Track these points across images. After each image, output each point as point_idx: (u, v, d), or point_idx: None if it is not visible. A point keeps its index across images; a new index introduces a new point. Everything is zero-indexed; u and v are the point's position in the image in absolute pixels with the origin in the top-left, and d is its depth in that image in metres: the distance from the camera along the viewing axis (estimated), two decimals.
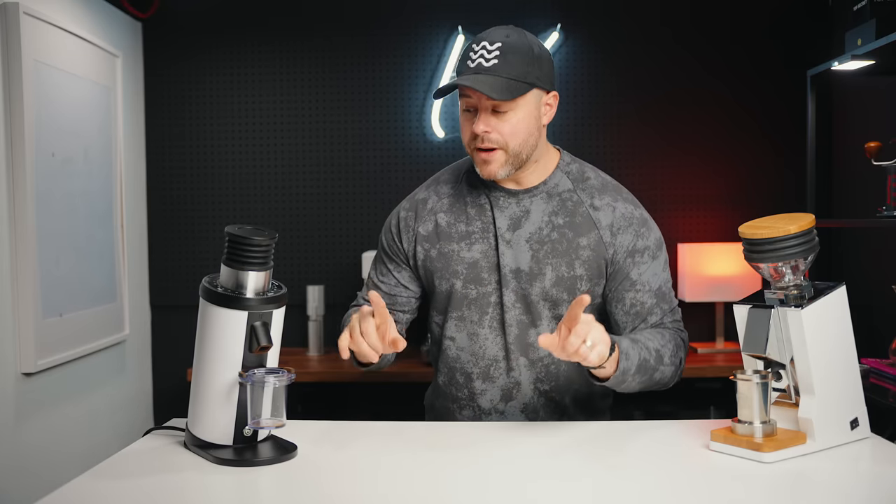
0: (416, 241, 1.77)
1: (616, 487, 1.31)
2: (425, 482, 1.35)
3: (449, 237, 1.74)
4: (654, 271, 1.72)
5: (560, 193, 1.72)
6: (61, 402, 2.79)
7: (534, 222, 1.70)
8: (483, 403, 1.76)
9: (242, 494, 1.33)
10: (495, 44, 1.59)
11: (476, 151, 1.64)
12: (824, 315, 1.45)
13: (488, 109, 1.60)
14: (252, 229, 1.44)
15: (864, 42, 2.52)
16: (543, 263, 1.68)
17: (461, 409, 1.79)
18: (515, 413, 1.75)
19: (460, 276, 1.72)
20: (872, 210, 2.68)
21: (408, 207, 1.81)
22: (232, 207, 3.59)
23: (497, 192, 1.72)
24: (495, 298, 1.72)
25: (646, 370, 1.61)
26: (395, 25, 3.54)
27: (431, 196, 1.79)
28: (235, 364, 1.43)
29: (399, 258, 1.80)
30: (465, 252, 1.72)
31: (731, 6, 3.53)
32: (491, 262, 1.71)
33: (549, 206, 1.71)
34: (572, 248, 1.69)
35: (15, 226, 2.50)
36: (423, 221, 1.77)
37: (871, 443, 1.50)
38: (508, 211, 1.71)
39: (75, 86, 2.86)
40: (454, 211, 1.75)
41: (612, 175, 1.86)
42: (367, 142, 3.56)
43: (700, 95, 3.55)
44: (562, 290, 1.69)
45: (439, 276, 1.74)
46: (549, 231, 1.69)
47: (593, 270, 1.70)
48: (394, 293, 1.81)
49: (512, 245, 1.70)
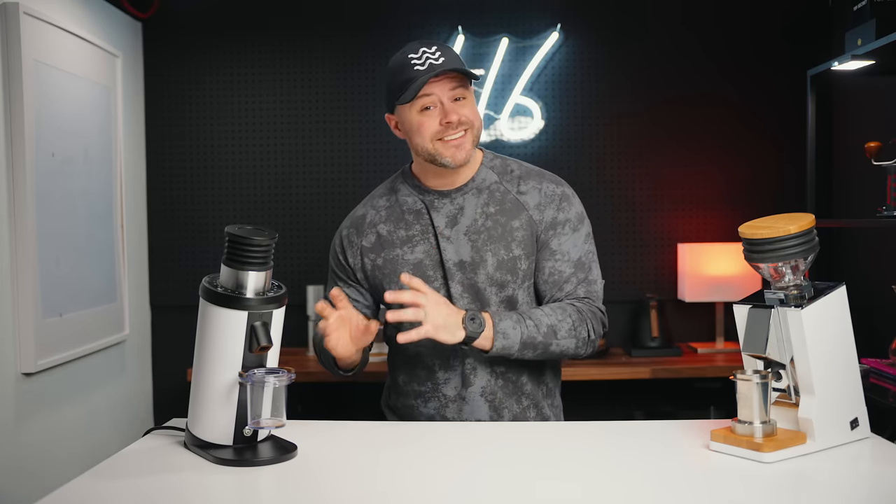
0: (361, 254, 1.88)
1: (616, 487, 1.31)
2: (425, 482, 1.35)
3: (391, 244, 1.84)
4: (574, 242, 1.83)
5: (488, 186, 1.84)
6: (61, 402, 2.79)
7: (469, 216, 1.82)
8: (447, 392, 1.83)
9: (242, 494, 1.33)
10: (433, 47, 1.74)
11: (444, 142, 1.75)
12: (824, 315, 1.45)
13: (450, 99, 1.74)
14: (252, 229, 1.44)
15: (864, 42, 2.51)
16: (483, 251, 1.79)
17: (426, 402, 1.85)
18: (475, 397, 1.82)
19: None
20: (872, 210, 2.68)
21: (349, 225, 1.92)
22: (232, 207, 3.59)
23: (431, 196, 1.84)
24: (443, 292, 1.81)
25: (535, 346, 1.72)
26: (394, 25, 3.54)
27: (369, 211, 1.91)
28: (235, 364, 1.43)
29: (347, 275, 1.91)
30: (409, 255, 1.83)
31: (731, 7, 3.53)
32: (434, 260, 1.81)
33: (481, 200, 1.83)
34: (507, 232, 1.80)
35: (15, 226, 2.50)
36: (365, 235, 1.88)
37: (871, 443, 1.50)
38: (444, 210, 1.83)
39: (75, 86, 2.86)
40: (392, 220, 1.86)
41: (612, 175, 1.88)
42: (367, 142, 3.56)
43: (699, 96, 3.55)
44: (505, 272, 1.79)
45: (388, 281, 1.84)
46: (483, 221, 1.81)
47: (528, 247, 1.81)
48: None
49: (452, 240, 1.81)
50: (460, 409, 1.82)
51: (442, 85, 1.72)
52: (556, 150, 3.53)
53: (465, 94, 1.75)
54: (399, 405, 1.91)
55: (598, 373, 3.18)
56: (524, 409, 1.85)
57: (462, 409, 1.82)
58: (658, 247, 3.57)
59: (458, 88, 1.74)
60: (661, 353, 3.33)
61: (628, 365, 3.21)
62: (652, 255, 3.56)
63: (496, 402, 1.82)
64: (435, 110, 1.74)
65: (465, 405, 1.82)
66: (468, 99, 1.76)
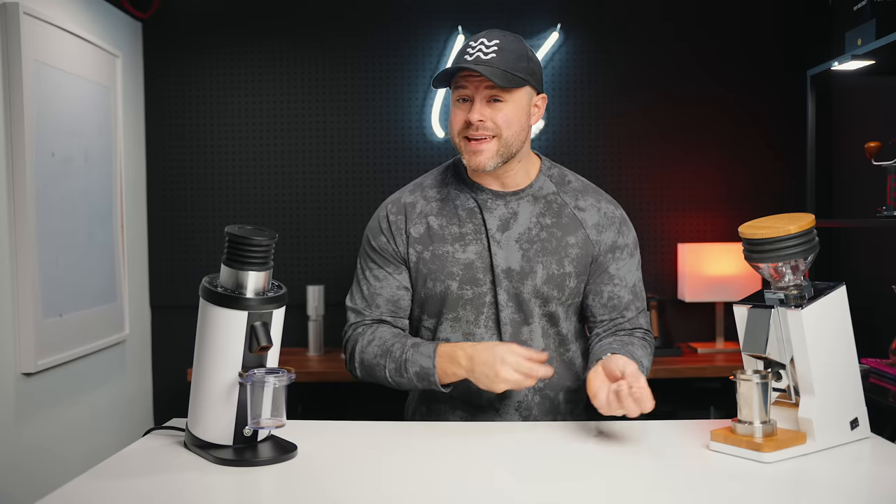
0: (408, 243, 1.77)
1: (616, 487, 1.31)
2: (425, 482, 1.35)
3: (442, 239, 1.75)
4: (629, 268, 1.80)
5: (545, 196, 1.78)
6: (61, 402, 2.79)
7: (522, 223, 1.75)
8: (479, 401, 1.76)
9: (242, 494, 1.33)
10: (493, 41, 1.66)
11: (465, 141, 1.69)
12: (824, 315, 1.45)
13: (484, 99, 1.66)
14: (252, 229, 1.44)
15: (864, 42, 2.52)
16: (534, 262, 1.73)
17: (454, 408, 1.79)
18: (510, 411, 1.76)
19: (456, 277, 1.74)
20: (872, 210, 2.68)
21: (395, 211, 1.80)
22: (232, 207, 3.59)
23: (485, 195, 1.76)
24: (490, 298, 1.74)
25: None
26: (395, 25, 3.54)
27: (419, 200, 1.80)
28: (235, 364, 1.43)
29: (396, 260, 1.79)
30: (460, 253, 1.74)
31: (731, 6, 3.53)
32: (485, 263, 1.74)
33: (536, 208, 1.76)
34: (561, 247, 1.74)
35: (15, 226, 2.50)
36: (414, 224, 1.77)
37: (871, 443, 1.50)
38: (497, 212, 1.76)
39: (75, 86, 2.86)
40: (444, 214, 1.77)
41: (612, 175, 1.89)
42: (367, 142, 3.56)
43: (700, 96, 3.55)
44: (552, 287, 1.74)
45: (433, 277, 1.75)
46: (537, 231, 1.75)
47: (581, 267, 1.76)
48: (396, 297, 1.78)
49: (502, 245, 1.74)
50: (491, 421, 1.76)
51: (479, 82, 1.65)
52: (556, 150, 3.53)
53: (502, 96, 1.66)
54: (426, 409, 1.83)
55: None
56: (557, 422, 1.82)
57: (493, 421, 1.76)
58: (658, 247, 3.57)
59: (496, 90, 1.65)
60: (661, 353, 3.33)
61: None
62: (652, 255, 3.56)
63: (530, 418, 1.76)
64: (467, 105, 1.68)
65: (497, 417, 1.76)
66: (506, 103, 1.66)
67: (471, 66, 1.63)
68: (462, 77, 1.67)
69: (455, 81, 1.68)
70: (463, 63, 1.65)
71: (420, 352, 1.68)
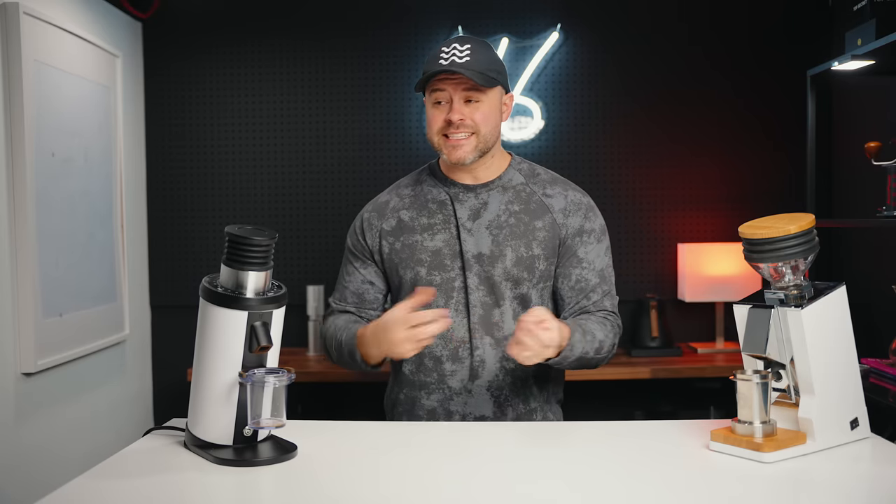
0: (380, 236, 1.89)
1: (616, 487, 1.31)
2: (424, 482, 1.35)
3: (412, 230, 1.87)
4: (597, 252, 1.88)
5: (514, 186, 1.88)
6: (61, 402, 2.79)
7: (492, 211, 1.85)
8: (453, 384, 1.84)
9: (242, 494, 1.33)
10: (465, 45, 1.77)
11: (444, 139, 1.79)
12: (824, 315, 1.45)
13: (461, 100, 1.77)
14: (252, 229, 1.44)
15: (864, 42, 2.51)
16: (504, 246, 1.82)
17: (429, 394, 1.86)
18: (482, 391, 1.83)
19: (424, 263, 1.84)
20: (872, 210, 2.68)
21: (371, 209, 1.94)
22: (232, 207, 3.59)
23: (456, 188, 1.87)
24: (459, 283, 1.83)
25: (582, 360, 1.76)
26: (395, 25, 3.54)
27: (393, 198, 1.93)
28: (235, 364, 1.43)
29: (364, 255, 1.92)
30: (428, 241, 1.85)
31: (731, 6, 3.53)
32: (453, 250, 1.83)
33: (505, 197, 1.86)
34: (529, 231, 1.84)
35: (15, 226, 2.50)
36: (387, 219, 1.90)
37: (871, 443, 1.50)
38: (468, 203, 1.86)
39: (75, 86, 2.86)
40: (416, 207, 1.89)
41: (611, 175, 1.91)
42: (367, 142, 3.56)
43: (699, 96, 3.55)
44: (522, 269, 1.82)
45: (404, 265, 1.86)
46: (506, 217, 1.84)
47: (549, 249, 1.85)
48: (361, 290, 1.92)
49: (473, 233, 1.83)
50: (465, 403, 1.83)
51: (456, 83, 1.76)
52: (556, 150, 3.53)
53: (478, 97, 1.77)
54: (402, 398, 1.90)
55: (598, 373, 3.16)
56: (530, 410, 1.86)
57: (467, 403, 1.83)
58: (658, 247, 3.57)
59: (472, 91, 1.76)
60: (661, 353, 3.33)
61: (628, 365, 3.21)
62: (652, 255, 3.56)
63: (501, 398, 1.84)
64: (445, 106, 1.78)
65: (471, 398, 1.83)
66: (482, 102, 1.78)
67: (454, 69, 1.73)
68: (438, 80, 1.77)
69: (431, 85, 1.79)
70: (440, 67, 1.75)
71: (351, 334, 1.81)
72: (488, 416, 1.83)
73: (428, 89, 1.80)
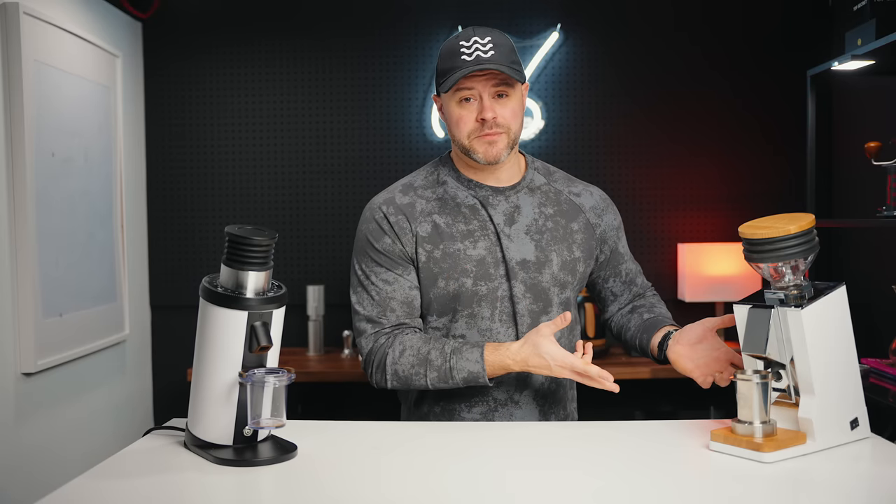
0: (416, 242, 1.73)
1: (616, 487, 1.31)
2: (425, 482, 1.35)
3: (451, 237, 1.73)
4: (625, 242, 1.94)
5: (539, 187, 1.82)
6: (61, 402, 2.79)
7: (527, 215, 1.77)
8: (498, 396, 1.76)
9: (242, 494, 1.33)
10: (486, 38, 1.68)
11: (479, 138, 1.69)
12: (824, 315, 1.45)
13: (492, 96, 1.68)
14: (252, 229, 1.44)
15: (864, 42, 2.52)
16: (548, 251, 1.76)
17: (471, 406, 1.76)
18: (528, 400, 1.77)
19: (470, 274, 1.72)
20: (872, 210, 2.68)
21: (393, 212, 1.75)
22: (232, 207, 3.59)
23: (484, 191, 1.76)
24: (502, 292, 1.74)
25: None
26: (395, 25, 3.54)
27: (416, 200, 1.77)
28: (235, 364, 1.43)
29: (404, 261, 1.74)
30: (471, 250, 1.73)
31: (731, 6, 3.53)
32: (496, 257, 1.73)
33: (535, 199, 1.80)
34: (568, 234, 1.79)
35: (15, 226, 2.50)
36: (420, 223, 1.74)
37: (871, 443, 1.50)
38: (500, 207, 1.76)
39: (75, 86, 2.86)
40: (448, 212, 1.75)
41: (612, 175, 1.91)
42: (367, 142, 3.56)
43: (700, 95, 3.55)
44: (567, 273, 1.78)
45: (445, 276, 1.72)
46: (543, 221, 1.78)
47: (587, 252, 1.82)
48: (409, 298, 1.74)
49: (513, 239, 1.74)
50: (511, 415, 1.75)
51: (485, 80, 1.66)
52: (556, 150, 3.53)
53: (508, 91, 1.68)
54: (438, 410, 1.78)
55: None
56: (566, 414, 1.84)
57: (513, 415, 1.75)
58: (658, 247, 3.57)
59: (502, 86, 1.67)
60: None
61: (628, 365, 3.20)
62: (652, 255, 3.56)
63: (546, 406, 1.79)
64: (474, 104, 1.69)
65: (518, 409, 1.76)
66: (511, 98, 1.69)
67: (487, 66, 1.64)
68: (465, 77, 1.66)
69: (456, 83, 1.67)
70: (470, 65, 1.64)
71: (465, 358, 1.66)
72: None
73: (452, 87, 1.68)
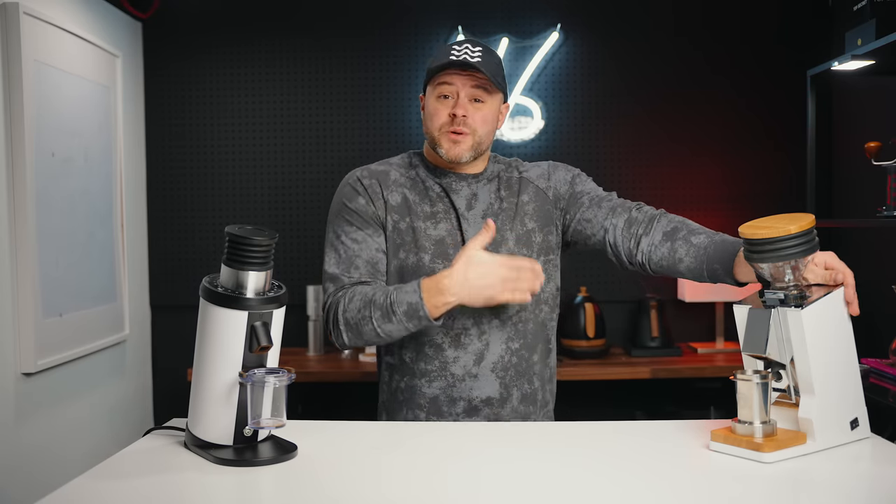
0: (386, 209, 1.81)
1: (616, 487, 1.31)
2: (425, 482, 1.35)
3: (416, 215, 1.82)
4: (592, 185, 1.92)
5: (497, 175, 1.91)
6: (61, 402, 2.79)
7: (483, 201, 1.86)
8: (456, 371, 1.80)
9: (242, 494, 1.33)
10: (477, 47, 1.78)
11: (447, 133, 1.78)
12: (824, 315, 1.45)
13: (468, 98, 1.77)
14: (252, 229, 1.44)
15: (864, 42, 2.52)
16: (503, 230, 1.83)
17: (430, 382, 1.81)
18: (487, 374, 1.80)
19: (428, 251, 1.80)
20: (872, 210, 2.68)
21: (367, 176, 1.84)
22: (232, 207, 3.59)
23: (448, 179, 1.86)
24: None
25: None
26: (395, 25, 3.54)
27: (392, 171, 1.87)
28: (235, 364, 1.43)
29: (374, 222, 1.80)
30: (432, 230, 1.82)
31: (731, 7, 3.53)
32: (455, 240, 1.82)
33: (492, 186, 1.89)
34: (519, 208, 1.86)
35: (15, 226, 2.50)
36: (391, 192, 1.83)
37: (871, 443, 1.50)
38: (462, 193, 1.86)
39: (75, 86, 2.86)
40: (417, 191, 1.85)
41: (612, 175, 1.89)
42: (367, 142, 3.56)
43: (700, 96, 3.55)
44: (521, 246, 1.84)
45: (406, 248, 1.80)
46: (498, 204, 1.86)
47: (542, 220, 1.87)
48: (375, 259, 1.79)
49: (471, 222, 1.83)
50: (470, 388, 1.79)
51: (465, 80, 1.76)
52: (556, 150, 3.53)
53: (484, 97, 1.78)
54: (402, 386, 1.83)
55: (598, 373, 3.18)
56: (534, 390, 1.84)
57: (472, 388, 1.79)
58: None
59: (480, 90, 1.77)
60: (661, 352, 3.33)
61: (628, 365, 3.21)
62: None
63: (507, 378, 1.81)
64: (450, 100, 1.78)
65: (476, 382, 1.79)
66: (486, 105, 1.78)
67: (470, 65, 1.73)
68: (447, 74, 1.76)
69: (439, 78, 1.78)
70: (454, 60, 1.74)
71: (404, 290, 1.65)
72: (494, 398, 1.80)
73: (434, 83, 1.78)
